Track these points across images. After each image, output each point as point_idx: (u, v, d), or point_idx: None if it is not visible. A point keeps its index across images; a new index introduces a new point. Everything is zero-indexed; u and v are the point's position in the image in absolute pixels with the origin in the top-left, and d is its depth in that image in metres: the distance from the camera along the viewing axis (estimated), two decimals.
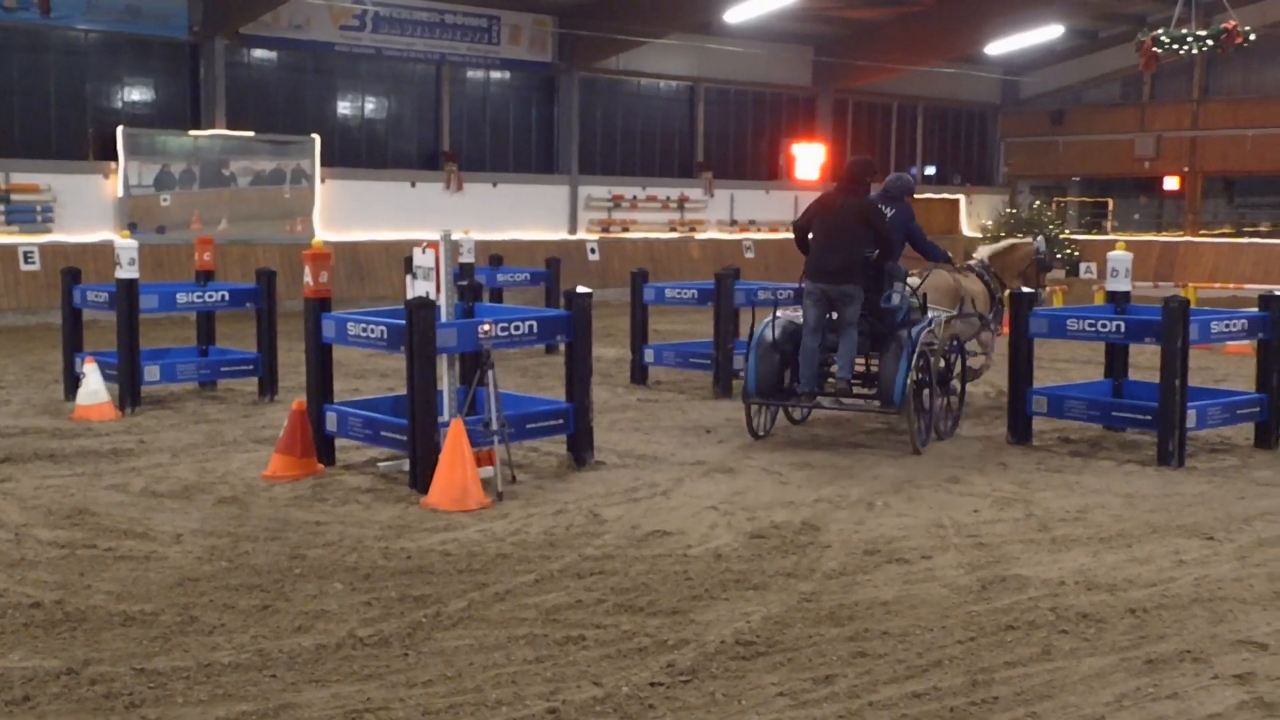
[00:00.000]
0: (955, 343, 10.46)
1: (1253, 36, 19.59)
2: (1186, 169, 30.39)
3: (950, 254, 11.55)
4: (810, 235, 9.77)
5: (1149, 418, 9.22)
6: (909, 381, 9.24)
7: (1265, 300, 9.74)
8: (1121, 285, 9.92)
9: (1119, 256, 10.02)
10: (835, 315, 9.55)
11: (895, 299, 9.62)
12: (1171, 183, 30.79)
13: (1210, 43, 19.36)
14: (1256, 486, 8.39)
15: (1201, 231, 30.15)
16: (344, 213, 22.72)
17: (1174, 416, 8.93)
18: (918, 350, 9.38)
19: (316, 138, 22.44)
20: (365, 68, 23.78)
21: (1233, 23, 19.43)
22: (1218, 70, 29.81)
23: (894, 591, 6.01)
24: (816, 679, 4.90)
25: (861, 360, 9.90)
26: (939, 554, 6.67)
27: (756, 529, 7.15)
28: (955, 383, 10.31)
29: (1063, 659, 5.15)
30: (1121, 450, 9.62)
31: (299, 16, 22.22)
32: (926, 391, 9.67)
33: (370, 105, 24.25)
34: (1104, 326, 9.58)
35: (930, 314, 9.96)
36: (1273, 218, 30.08)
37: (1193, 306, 9.32)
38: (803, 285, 9.64)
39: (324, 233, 21.79)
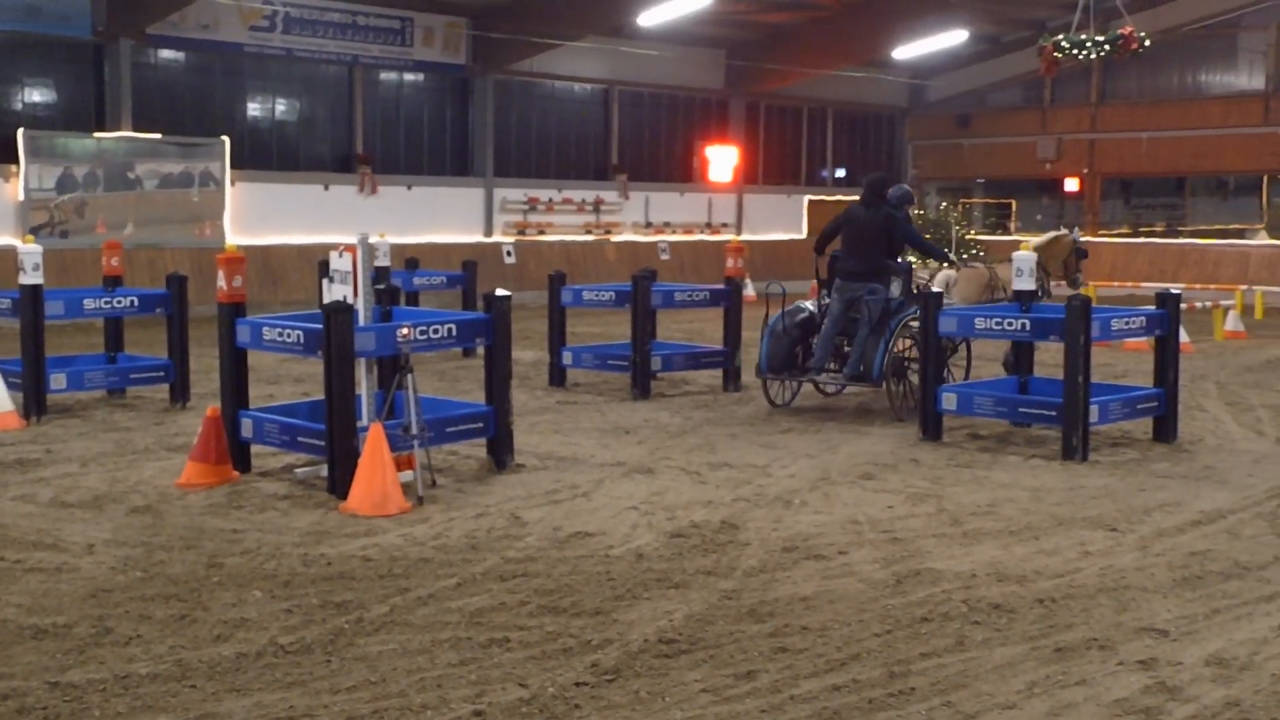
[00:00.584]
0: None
1: (1147, 42, 20.15)
2: (1086, 170, 31.18)
3: (948, 251, 12.63)
4: (840, 242, 11.43)
5: (1054, 413, 9.47)
6: (885, 362, 10.71)
7: (1161, 298, 10.06)
8: (1026, 285, 10.19)
9: (1023, 257, 10.28)
10: (854, 310, 11.15)
11: (895, 290, 11.12)
12: (1072, 184, 31.58)
13: (1107, 48, 19.87)
14: (1156, 479, 8.67)
15: (1100, 231, 30.97)
16: (255, 216, 22.41)
17: (1078, 412, 9.18)
18: (895, 335, 10.83)
19: (226, 140, 22.11)
20: (276, 69, 23.48)
21: (1129, 29, 19.98)
22: (1115, 75, 30.63)
23: (812, 587, 6.12)
24: (738, 675, 4.98)
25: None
26: (855, 549, 6.80)
27: (677, 528, 7.23)
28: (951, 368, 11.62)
29: (976, 649, 5.28)
30: (1028, 445, 9.88)
31: (207, 17, 21.88)
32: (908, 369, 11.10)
33: (281, 107, 23.95)
34: (1010, 325, 9.82)
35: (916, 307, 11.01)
36: (1167, 218, 31.00)
37: (1094, 305, 9.58)
38: (832, 281, 11.36)
39: (235, 236, 21.49)
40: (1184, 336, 12.70)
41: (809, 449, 9.69)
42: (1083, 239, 14.96)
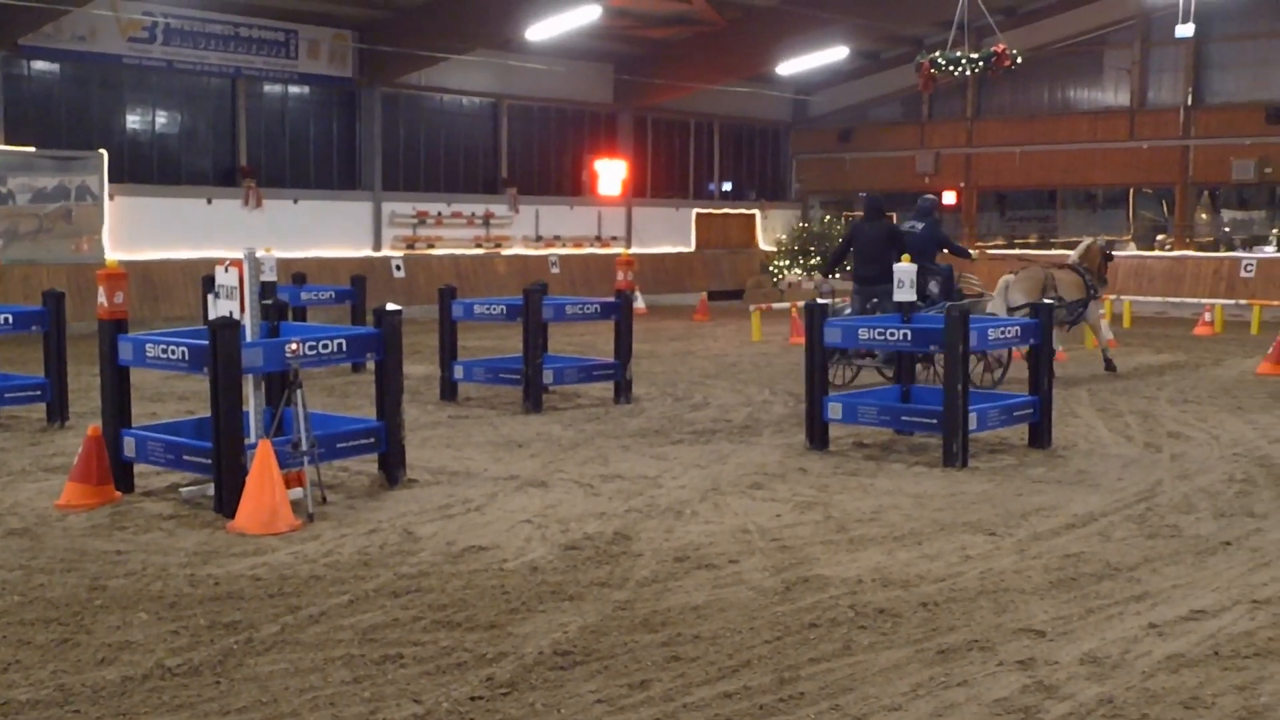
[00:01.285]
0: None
1: (1019, 59, 20.80)
2: (963, 184, 32.03)
3: (972, 251, 16.93)
4: (852, 252, 14.26)
5: (935, 421, 9.73)
6: None
7: (1035, 308, 10.41)
8: (907, 295, 10.46)
9: (904, 269, 10.56)
10: (874, 305, 13.52)
11: (934, 288, 13.69)
12: (950, 197, 32.41)
13: (981, 65, 20.44)
14: (1032, 484, 8.96)
15: (978, 244, 31.83)
16: (135, 231, 21.89)
17: (957, 420, 9.46)
18: None
19: (104, 153, 21.56)
20: (156, 81, 22.97)
21: (1002, 46, 20.59)
22: (989, 91, 31.53)
23: (704, 596, 6.22)
24: (632, 684, 5.05)
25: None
26: (745, 558, 6.92)
27: (570, 541, 7.27)
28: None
29: (862, 653, 5.42)
30: (911, 453, 10.13)
31: (83, 28, 21.33)
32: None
33: (162, 120, 23.43)
34: (892, 335, 10.08)
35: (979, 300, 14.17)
36: (1040, 230, 31.96)
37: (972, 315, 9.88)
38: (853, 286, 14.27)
39: (114, 252, 20.95)
40: (1057, 345, 13.18)
41: (699, 460, 9.82)
42: (1107, 243, 17.75)
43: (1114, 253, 17.39)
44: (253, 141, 24.32)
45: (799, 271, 30.10)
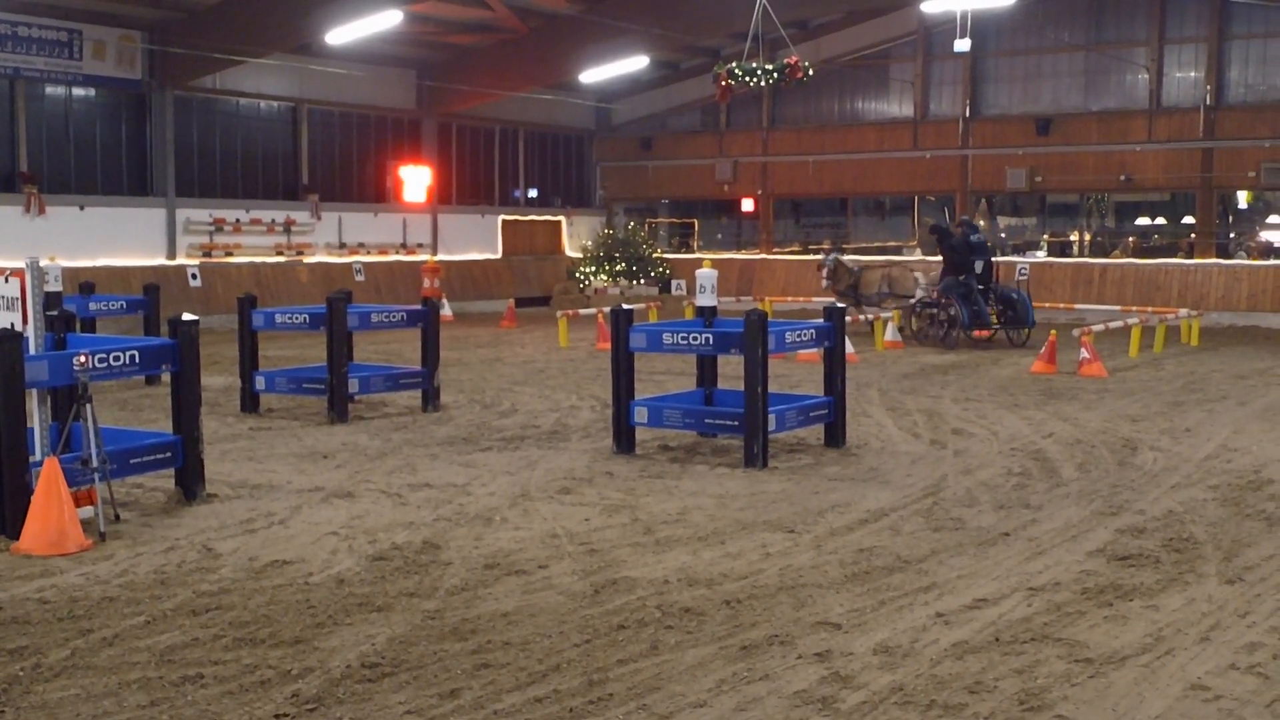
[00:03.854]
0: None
1: (811, 71, 21.53)
2: (760, 192, 32.92)
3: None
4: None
5: (737, 423, 10.01)
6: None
7: (828, 312, 10.82)
8: (709, 300, 10.72)
9: (706, 274, 10.82)
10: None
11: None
12: (748, 204, 33.25)
13: (776, 76, 21.07)
14: (828, 482, 9.32)
15: (774, 250, 32.78)
16: None
17: (758, 421, 9.75)
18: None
19: None
20: None
21: (794, 58, 21.28)
22: (783, 102, 32.49)
23: (514, 602, 6.27)
24: (442, 693, 5.06)
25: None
26: (555, 563, 6.99)
27: (378, 551, 7.22)
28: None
29: (669, 652, 5.56)
30: (714, 455, 10.40)
31: None
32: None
33: None
34: (695, 339, 10.31)
35: None
36: (833, 236, 33.09)
37: (770, 319, 10.18)
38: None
39: None
40: (849, 347, 13.70)
41: (508, 466, 9.85)
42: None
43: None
44: (34, 146, 23.12)
45: (605, 278, 30.39)
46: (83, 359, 7.76)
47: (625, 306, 10.90)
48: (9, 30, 22.09)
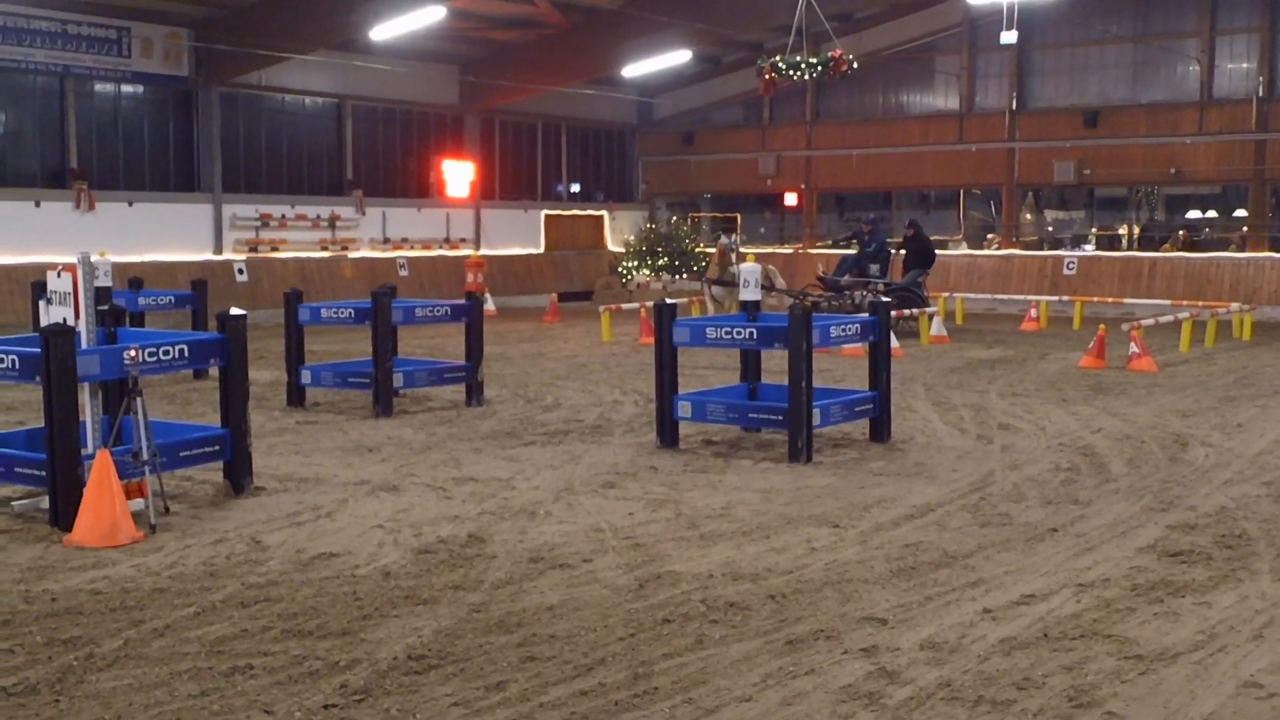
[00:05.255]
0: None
1: (855, 65, 21.42)
2: (803, 186, 32.79)
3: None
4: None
5: (780, 418, 9.98)
6: None
7: (873, 307, 10.73)
8: (752, 295, 10.69)
9: (749, 269, 10.79)
10: None
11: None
12: (791, 199, 33.12)
13: (819, 69, 20.97)
14: (873, 477, 9.27)
15: (818, 244, 32.63)
16: None
17: (802, 416, 9.71)
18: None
19: None
20: None
21: (838, 51, 21.16)
22: (826, 95, 32.36)
23: (559, 596, 6.27)
24: (488, 686, 5.07)
25: None
26: (599, 557, 7.00)
27: (423, 544, 7.25)
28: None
29: (714, 646, 5.55)
30: (758, 449, 10.36)
31: None
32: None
33: None
34: (738, 334, 10.29)
35: None
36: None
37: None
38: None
39: None
40: (894, 342, 13.63)
41: (552, 461, 9.87)
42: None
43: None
44: (84, 142, 23.44)
45: (647, 272, 30.39)
46: (133, 353, 7.85)
47: (668, 301, 10.90)
48: (59, 28, 22.39)
